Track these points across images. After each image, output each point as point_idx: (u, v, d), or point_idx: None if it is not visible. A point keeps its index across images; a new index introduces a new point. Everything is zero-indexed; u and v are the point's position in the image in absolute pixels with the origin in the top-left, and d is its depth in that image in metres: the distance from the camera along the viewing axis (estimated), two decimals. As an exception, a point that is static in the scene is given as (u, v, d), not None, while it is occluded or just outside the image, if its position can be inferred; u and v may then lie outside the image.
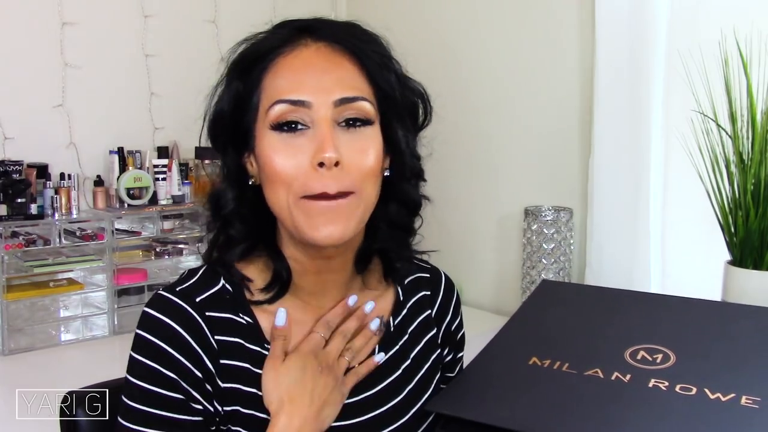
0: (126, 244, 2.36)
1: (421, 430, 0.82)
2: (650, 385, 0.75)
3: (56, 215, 2.24)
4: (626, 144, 1.92)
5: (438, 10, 2.58)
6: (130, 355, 0.72)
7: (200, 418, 0.71)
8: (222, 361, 0.72)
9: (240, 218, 0.75)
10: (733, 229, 1.48)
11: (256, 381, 0.73)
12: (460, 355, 0.93)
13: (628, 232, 1.93)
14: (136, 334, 0.73)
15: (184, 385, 0.70)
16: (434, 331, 0.87)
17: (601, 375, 0.77)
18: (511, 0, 2.32)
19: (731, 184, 1.45)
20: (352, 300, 0.78)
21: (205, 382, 0.72)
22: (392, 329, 0.82)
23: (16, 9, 2.29)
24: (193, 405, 0.71)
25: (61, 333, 2.21)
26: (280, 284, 0.75)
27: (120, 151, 2.43)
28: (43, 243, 2.18)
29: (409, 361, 0.82)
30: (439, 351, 0.87)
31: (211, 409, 0.72)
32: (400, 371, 0.81)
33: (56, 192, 2.26)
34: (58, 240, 2.21)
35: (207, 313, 0.72)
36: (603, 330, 0.86)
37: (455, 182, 2.55)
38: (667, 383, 0.74)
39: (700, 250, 1.78)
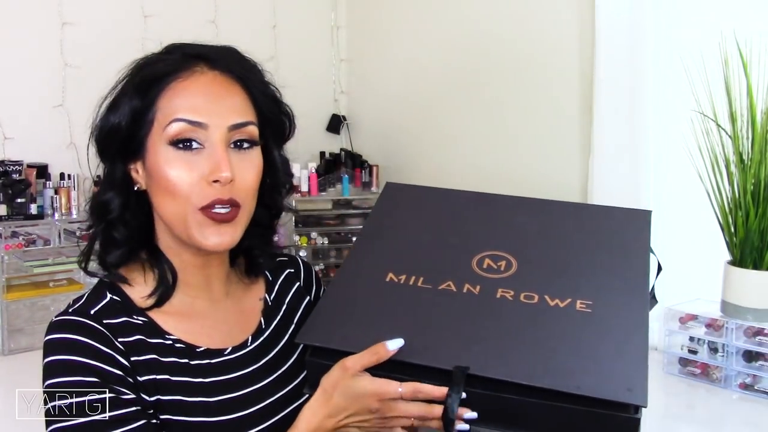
0: (126, 244, 2.36)
1: (292, 359, 0.88)
2: (498, 295, 0.79)
3: (56, 215, 2.24)
4: (626, 144, 1.92)
5: (439, 9, 2.58)
6: (47, 386, 0.74)
7: (138, 407, 0.75)
8: (132, 359, 0.77)
9: (123, 222, 0.82)
10: (733, 229, 1.48)
11: (165, 368, 0.78)
12: None
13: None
14: (45, 364, 0.75)
15: (108, 383, 0.74)
16: (308, 299, 0.97)
17: (453, 288, 0.81)
18: (512, 0, 2.32)
19: (731, 184, 1.45)
20: None
21: (127, 377, 0.76)
22: (270, 303, 0.91)
23: (16, 9, 2.29)
24: (124, 398, 0.75)
25: (61, 333, 2.22)
26: (164, 287, 0.82)
27: (120, 151, 2.43)
28: (43, 243, 2.18)
29: (293, 326, 0.91)
30: None
31: (144, 398, 0.77)
32: (287, 336, 0.90)
33: (56, 192, 2.26)
34: (58, 240, 2.21)
35: (104, 321, 0.78)
36: (450, 238, 0.89)
37: (455, 182, 2.54)
38: (512, 292, 0.79)
39: (700, 250, 1.78)
